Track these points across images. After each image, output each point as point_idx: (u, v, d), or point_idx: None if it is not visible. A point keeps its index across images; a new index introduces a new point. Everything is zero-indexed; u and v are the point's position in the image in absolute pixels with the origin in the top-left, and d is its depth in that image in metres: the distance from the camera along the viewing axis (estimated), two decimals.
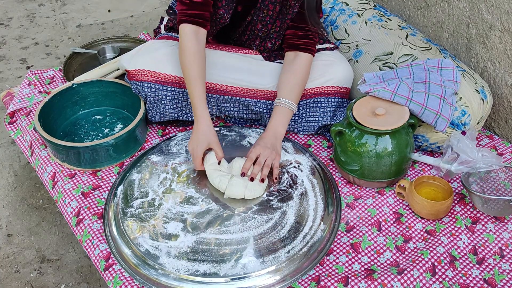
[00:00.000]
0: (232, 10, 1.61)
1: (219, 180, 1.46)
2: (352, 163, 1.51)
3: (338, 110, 1.71)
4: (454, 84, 1.56)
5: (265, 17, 1.63)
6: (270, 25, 1.65)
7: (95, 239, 1.43)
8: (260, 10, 1.62)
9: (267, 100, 1.70)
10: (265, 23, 1.65)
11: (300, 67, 1.61)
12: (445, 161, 1.52)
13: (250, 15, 1.65)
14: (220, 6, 1.58)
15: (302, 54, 1.62)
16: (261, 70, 1.70)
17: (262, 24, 1.65)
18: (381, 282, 1.29)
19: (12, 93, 1.94)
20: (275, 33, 1.68)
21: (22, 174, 2.03)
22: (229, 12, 1.61)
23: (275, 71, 1.70)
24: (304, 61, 1.62)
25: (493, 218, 1.45)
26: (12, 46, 2.84)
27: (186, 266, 1.28)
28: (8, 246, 1.78)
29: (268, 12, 1.61)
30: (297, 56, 1.63)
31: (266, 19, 1.63)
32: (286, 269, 1.29)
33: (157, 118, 1.72)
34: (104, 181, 1.60)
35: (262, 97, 1.70)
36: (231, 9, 1.61)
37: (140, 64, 1.65)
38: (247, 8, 1.64)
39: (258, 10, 1.62)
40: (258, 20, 1.65)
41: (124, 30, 2.96)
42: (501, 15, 1.61)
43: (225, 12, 1.60)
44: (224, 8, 1.59)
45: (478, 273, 1.33)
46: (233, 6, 1.61)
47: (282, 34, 1.68)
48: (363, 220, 1.47)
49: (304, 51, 1.62)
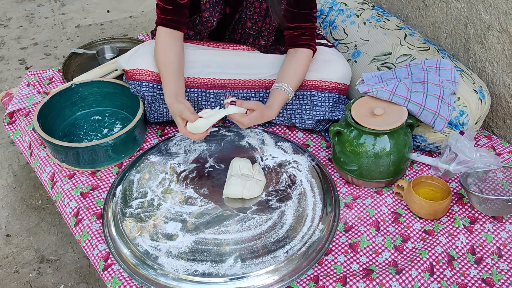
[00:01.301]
0: (218, 13, 1.63)
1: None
2: (351, 163, 1.52)
3: (336, 106, 1.71)
4: (452, 84, 1.57)
5: (253, 15, 1.64)
6: (260, 22, 1.67)
7: (94, 239, 1.43)
8: (247, 8, 1.63)
9: (266, 90, 1.71)
10: (254, 21, 1.66)
11: (300, 59, 1.62)
12: (443, 161, 1.52)
13: (238, 12, 1.66)
14: (204, 9, 1.61)
15: (301, 50, 1.63)
16: (258, 62, 1.71)
17: (251, 22, 1.67)
18: (379, 282, 1.29)
19: (11, 93, 1.95)
20: (265, 31, 1.69)
21: (21, 174, 2.03)
22: (215, 15, 1.63)
23: (272, 61, 1.72)
24: (303, 55, 1.63)
25: (491, 218, 1.46)
26: (11, 46, 2.84)
27: (185, 266, 1.29)
28: (7, 246, 1.78)
29: (255, 9, 1.63)
30: (297, 51, 1.64)
31: (255, 17, 1.65)
32: (285, 269, 1.29)
33: (156, 118, 1.73)
34: (103, 181, 1.60)
35: (260, 87, 1.71)
36: (217, 12, 1.63)
37: (138, 63, 1.65)
38: (235, 8, 1.66)
39: (245, 8, 1.64)
40: (247, 18, 1.66)
41: (123, 30, 2.96)
42: (499, 15, 1.62)
43: (210, 15, 1.62)
44: (209, 11, 1.61)
45: (476, 273, 1.33)
46: (219, 9, 1.63)
47: (274, 31, 1.69)
48: (362, 220, 1.47)
49: (303, 47, 1.63)
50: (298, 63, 1.61)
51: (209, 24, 1.66)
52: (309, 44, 1.63)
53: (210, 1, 1.60)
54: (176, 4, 1.57)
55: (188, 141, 1.66)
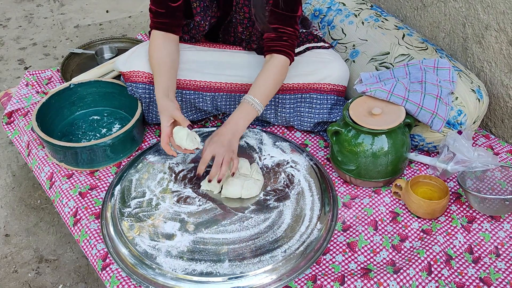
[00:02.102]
0: (210, 17, 1.63)
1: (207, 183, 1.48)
2: (349, 162, 1.52)
3: (334, 108, 1.71)
4: (450, 83, 1.57)
5: (243, 20, 1.64)
6: (251, 27, 1.66)
7: (92, 239, 1.43)
8: (237, 13, 1.63)
9: None
10: (244, 25, 1.66)
11: (272, 67, 1.55)
12: (441, 161, 1.52)
13: (229, 15, 1.67)
14: (195, 13, 1.62)
15: (276, 56, 1.56)
16: (254, 64, 1.71)
17: (242, 27, 1.67)
18: (377, 281, 1.29)
19: (10, 93, 1.95)
20: (254, 36, 1.69)
21: (20, 174, 2.03)
22: (207, 19, 1.63)
23: None
24: (277, 62, 1.55)
25: (489, 217, 1.46)
26: (10, 46, 2.84)
27: (183, 266, 1.29)
28: (6, 246, 1.78)
29: (245, 14, 1.62)
30: (271, 58, 1.56)
31: (245, 21, 1.65)
32: (283, 269, 1.29)
33: (153, 120, 1.73)
34: (101, 181, 1.60)
35: None
36: (209, 16, 1.63)
37: (135, 65, 1.66)
38: (226, 11, 1.66)
39: (235, 13, 1.64)
40: (237, 23, 1.66)
41: (122, 30, 2.96)
42: (497, 15, 1.62)
43: (201, 19, 1.62)
44: (200, 15, 1.61)
45: (474, 272, 1.33)
46: (210, 13, 1.63)
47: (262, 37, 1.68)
48: (360, 219, 1.47)
49: (278, 53, 1.55)
50: (271, 74, 1.54)
51: (201, 29, 1.66)
52: (286, 51, 1.56)
53: (201, 5, 1.60)
54: (168, 7, 1.57)
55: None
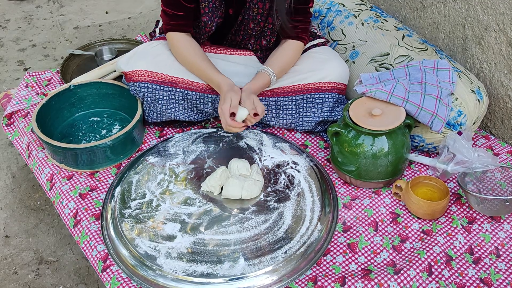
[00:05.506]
0: (218, 18, 1.64)
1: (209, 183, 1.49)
2: (349, 163, 1.52)
3: (336, 106, 1.71)
4: (450, 84, 1.57)
5: (256, 16, 1.65)
6: (263, 23, 1.67)
7: (92, 241, 1.43)
8: (250, 9, 1.64)
9: (264, 98, 1.70)
10: (257, 21, 1.67)
11: (288, 49, 1.68)
12: (441, 161, 1.53)
13: (241, 14, 1.66)
14: (203, 14, 1.62)
15: (291, 41, 1.69)
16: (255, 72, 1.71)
17: (254, 23, 1.67)
18: (377, 282, 1.29)
19: (9, 95, 1.95)
20: (268, 30, 1.70)
21: (19, 175, 2.03)
22: (214, 20, 1.63)
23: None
24: (292, 45, 1.68)
25: (489, 218, 1.46)
26: (10, 48, 2.84)
27: (184, 267, 1.29)
28: (6, 247, 1.78)
29: (258, 10, 1.63)
30: (287, 42, 1.69)
31: (258, 17, 1.65)
32: (283, 270, 1.29)
33: (154, 119, 1.73)
34: (101, 183, 1.60)
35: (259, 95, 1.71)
36: (216, 17, 1.63)
37: (138, 65, 1.66)
38: (238, 9, 1.66)
39: (248, 9, 1.64)
40: (249, 19, 1.67)
41: (121, 31, 2.96)
42: (497, 16, 1.62)
43: (209, 20, 1.63)
44: (208, 16, 1.62)
45: (474, 273, 1.33)
46: (218, 14, 1.63)
47: (276, 31, 1.70)
48: (360, 220, 1.48)
49: (294, 38, 1.68)
50: (286, 54, 1.68)
51: (207, 29, 1.66)
52: (301, 37, 1.68)
53: (209, 5, 1.60)
54: (186, 9, 1.60)
55: (187, 141, 1.66)
